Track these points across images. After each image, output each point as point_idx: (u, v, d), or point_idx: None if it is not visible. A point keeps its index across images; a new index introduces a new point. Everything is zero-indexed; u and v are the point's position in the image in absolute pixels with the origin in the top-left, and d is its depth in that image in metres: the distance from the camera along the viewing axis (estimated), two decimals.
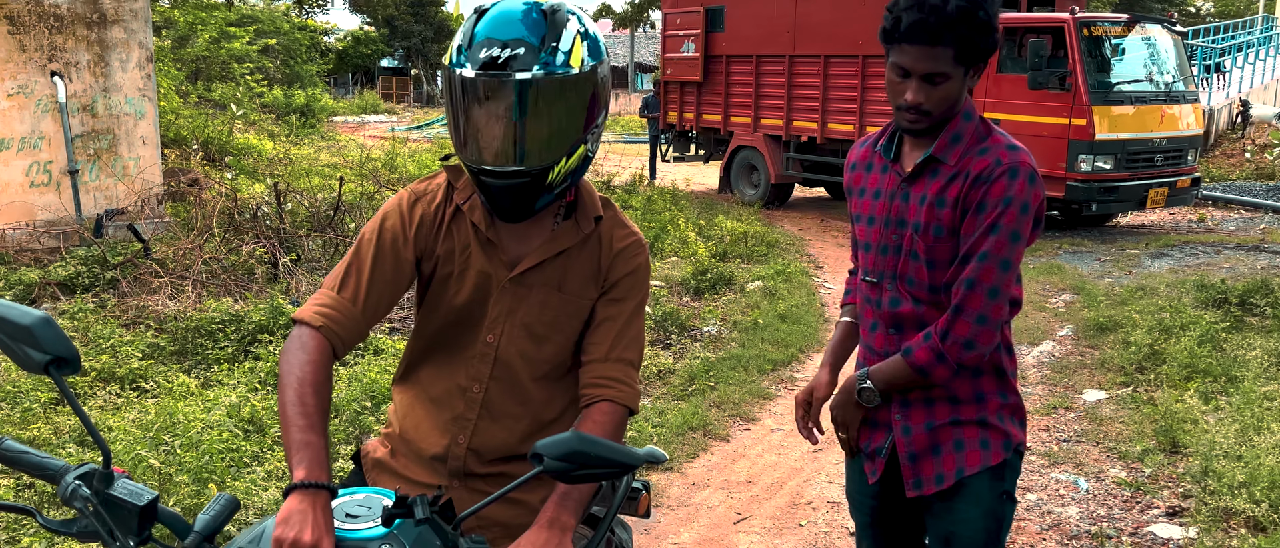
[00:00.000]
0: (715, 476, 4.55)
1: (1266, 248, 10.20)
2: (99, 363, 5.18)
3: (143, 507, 1.44)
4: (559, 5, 1.69)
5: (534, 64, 1.60)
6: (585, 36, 1.68)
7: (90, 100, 8.20)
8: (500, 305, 1.82)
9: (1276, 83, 20.82)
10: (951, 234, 1.98)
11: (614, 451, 1.40)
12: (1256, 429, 4.51)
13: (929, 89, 1.91)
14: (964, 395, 2.08)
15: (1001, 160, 1.94)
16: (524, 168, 1.65)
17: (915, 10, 1.85)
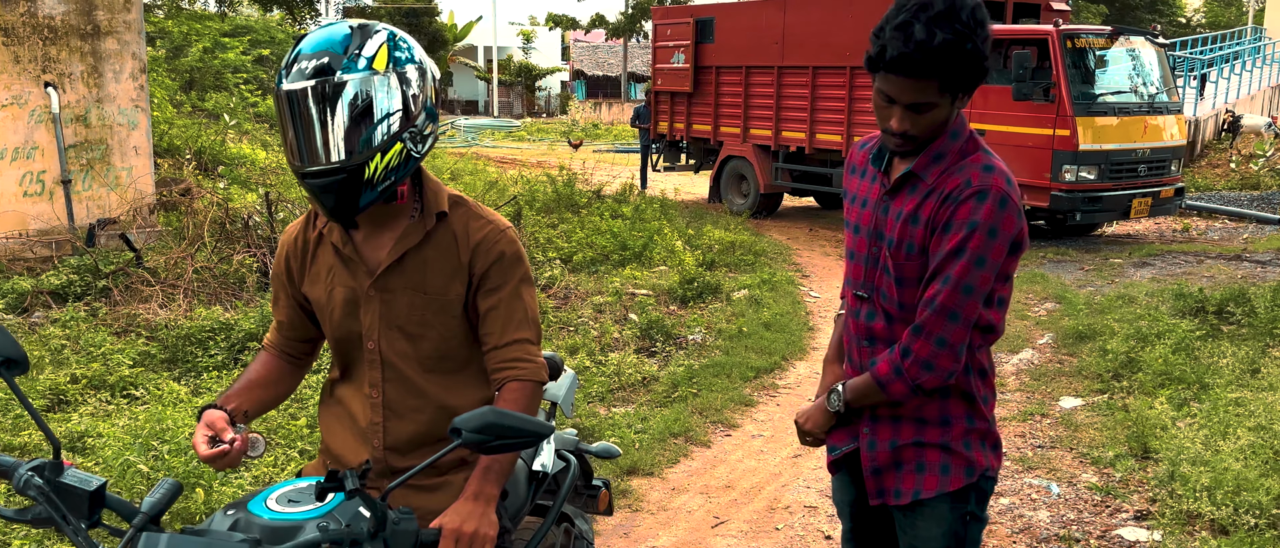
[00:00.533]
0: (695, 481, 4.63)
1: (1248, 257, 10.32)
2: (90, 371, 5.26)
3: (92, 492, 1.57)
4: (373, 24, 1.85)
5: (337, 68, 1.76)
6: (395, 45, 1.83)
7: (83, 111, 8.28)
8: (371, 313, 1.96)
9: (1264, 93, 21.01)
10: (921, 252, 1.96)
11: (526, 422, 1.57)
12: (1223, 435, 4.61)
13: (914, 117, 1.87)
14: (930, 417, 2.07)
15: (971, 182, 1.90)
16: (338, 164, 1.78)
17: (900, 42, 1.78)
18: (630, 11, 39.44)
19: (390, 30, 1.86)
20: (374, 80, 1.78)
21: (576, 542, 2.51)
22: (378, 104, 1.79)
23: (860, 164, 2.15)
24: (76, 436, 4.38)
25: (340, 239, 1.97)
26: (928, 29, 1.75)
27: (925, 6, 1.78)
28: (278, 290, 2.10)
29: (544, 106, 49.73)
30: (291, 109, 1.78)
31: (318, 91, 1.75)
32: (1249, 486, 4.01)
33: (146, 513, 1.55)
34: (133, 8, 8.49)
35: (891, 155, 2.05)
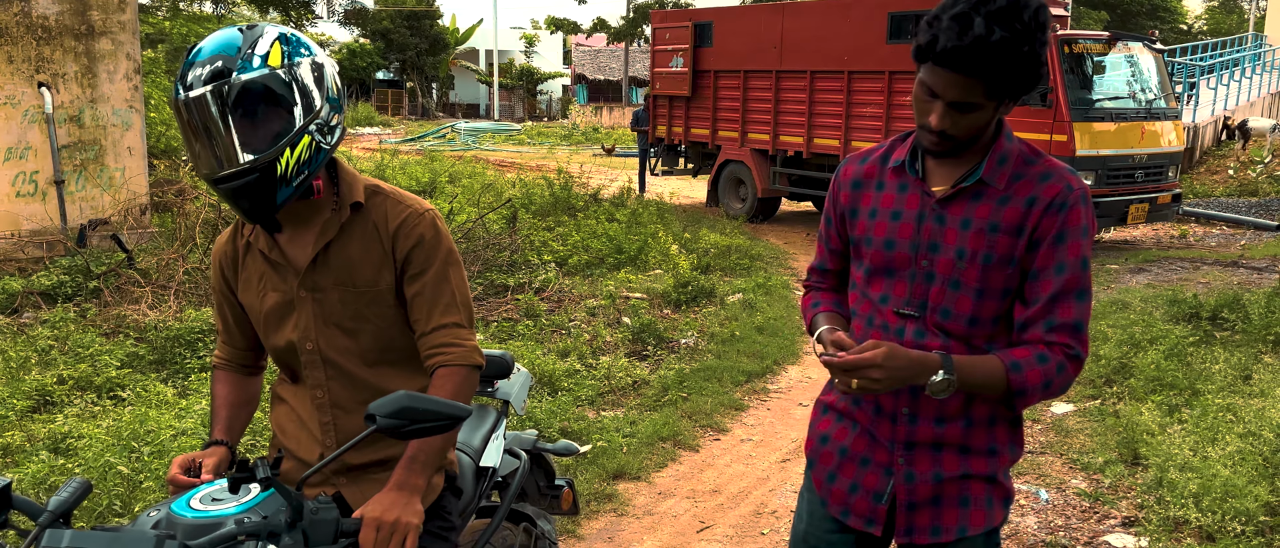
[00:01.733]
0: (682, 485, 4.61)
1: (1245, 264, 10.30)
2: (77, 372, 5.24)
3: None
4: (261, 25, 1.85)
5: (233, 69, 1.75)
6: (287, 42, 1.82)
7: (77, 111, 8.28)
8: (304, 314, 1.95)
9: (1264, 100, 20.99)
10: (1004, 263, 1.80)
11: (442, 405, 1.58)
12: (1213, 441, 4.58)
13: (955, 116, 1.73)
14: (978, 447, 1.89)
15: (1072, 186, 1.80)
16: (247, 165, 1.77)
17: (955, 34, 1.64)
18: (631, 16, 39.49)
19: (280, 29, 1.85)
20: (271, 76, 1.77)
21: (538, 542, 2.50)
22: (279, 100, 1.78)
23: (867, 176, 1.95)
24: (60, 437, 4.36)
25: (266, 245, 1.96)
26: (987, 24, 1.62)
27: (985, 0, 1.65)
28: (220, 304, 2.11)
29: (545, 110, 49.77)
30: (192, 117, 1.76)
31: (217, 95, 1.74)
32: (1237, 493, 3.98)
33: (53, 511, 1.56)
34: (127, 8, 8.49)
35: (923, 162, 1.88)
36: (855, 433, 1.98)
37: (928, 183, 1.86)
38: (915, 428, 1.89)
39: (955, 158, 1.83)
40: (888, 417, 1.91)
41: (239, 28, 1.83)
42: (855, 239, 1.96)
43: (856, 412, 1.98)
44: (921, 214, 1.86)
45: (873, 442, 1.95)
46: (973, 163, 1.83)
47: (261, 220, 1.86)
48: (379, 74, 47.76)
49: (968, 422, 1.88)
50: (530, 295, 7.72)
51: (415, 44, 44.51)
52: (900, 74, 11.29)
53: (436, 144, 28.29)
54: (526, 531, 2.47)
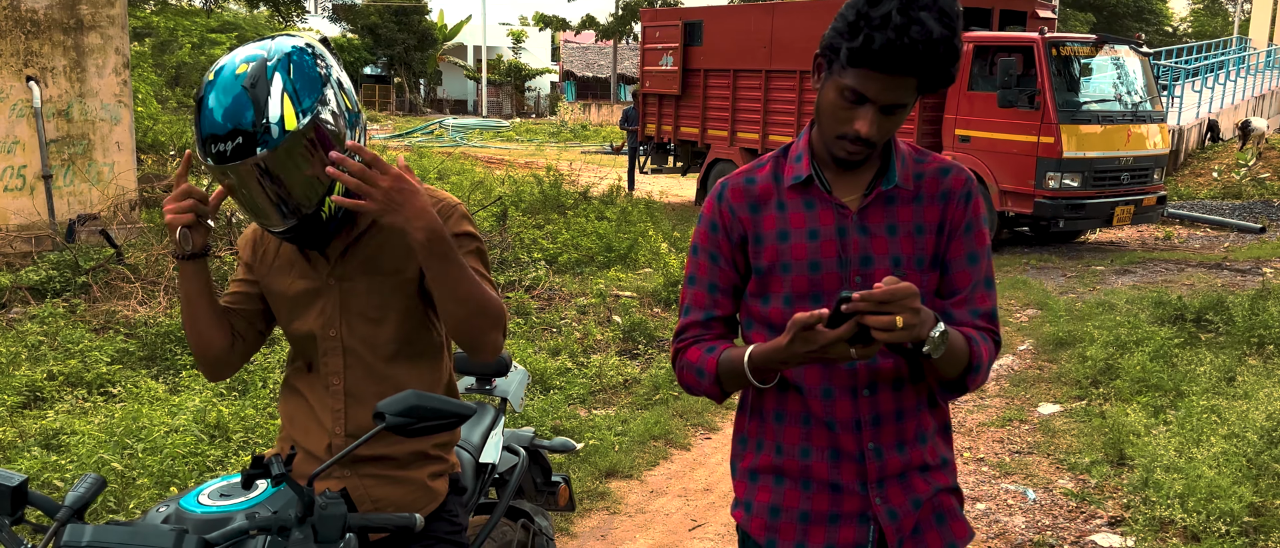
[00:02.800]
0: (674, 483, 4.64)
1: (1229, 266, 10.40)
2: (67, 368, 5.23)
3: (14, 489, 1.59)
4: (257, 73, 1.74)
5: (255, 147, 1.72)
6: (292, 91, 1.76)
7: (66, 105, 8.24)
8: (330, 301, 1.97)
9: (1247, 103, 21.17)
10: (934, 263, 1.76)
11: (450, 403, 1.62)
12: (1197, 442, 4.65)
13: (883, 121, 1.64)
14: (933, 461, 1.83)
15: (970, 176, 1.80)
16: (294, 222, 1.83)
17: (893, 31, 1.55)
18: (620, 13, 39.45)
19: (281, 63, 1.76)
20: (294, 141, 1.74)
21: (535, 538, 2.52)
22: (305, 160, 1.77)
23: (767, 196, 1.78)
24: (51, 433, 4.35)
25: None
26: (926, 19, 1.56)
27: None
28: (240, 269, 2.11)
29: (533, 107, 49.71)
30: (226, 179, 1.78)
31: (245, 172, 1.75)
32: (1221, 493, 4.04)
33: (70, 507, 1.57)
34: (116, 2, 8.45)
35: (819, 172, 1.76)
36: (810, 493, 1.78)
37: (834, 195, 1.75)
38: (884, 462, 1.77)
39: (857, 168, 1.75)
40: (853, 458, 1.76)
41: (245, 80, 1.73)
42: (764, 267, 1.76)
43: (808, 468, 1.78)
44: (841, 228, 1.74)
45: (837, 493, 1.78)
46: (874, 168, 1.76)
47: (316, 248, 1.92)
48: (366, 69, 47.60)
49: (922, 439, 1.80)
50: (521, 294, 7.73)
51: (403, 39, 44.38)
52: None
53: (425, 140, 28.24)
54: (524, 527, 2.50)
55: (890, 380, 1.75)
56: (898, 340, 1.52)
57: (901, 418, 1.77)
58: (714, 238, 1.81)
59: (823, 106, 1.69)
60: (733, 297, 1.83)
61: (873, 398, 1.75)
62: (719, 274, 1.82)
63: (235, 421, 4.52)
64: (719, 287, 1.82)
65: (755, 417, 1.84)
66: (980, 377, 1.74)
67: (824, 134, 1.71)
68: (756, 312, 1.80)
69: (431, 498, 2.03)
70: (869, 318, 1.49)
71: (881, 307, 1.49)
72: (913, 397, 1.78)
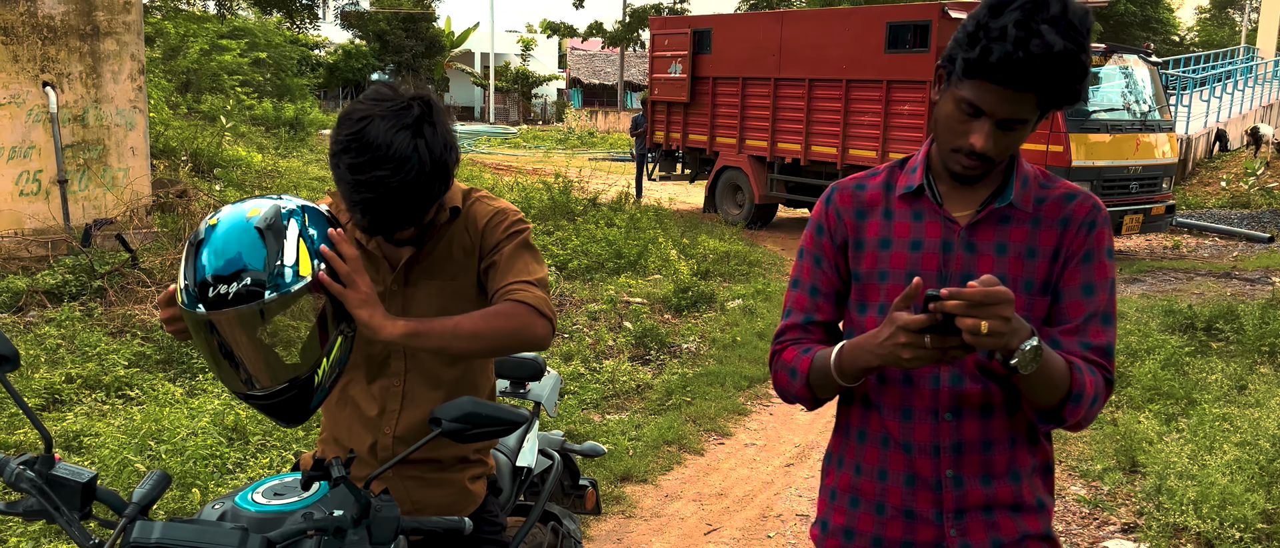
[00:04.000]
0: (688, 488, 4.67)
1: (1237, 275, 10.41)
2: (85, 371, 5.27)
3: (83, 485, 1.63)
4: (272, 216, 1.67)
5: (266, 289, 1.60)
6: (308, 237, 1.68)
7: (81, 111, 8.30)
8: (396, 306, 1.98)
9: (1255, 112, 21.17)
10: (1045, 289, 1.67)
11: (504, 411, 1.64)
12: (1210, 449, 4.66)
13: (1000, 136, 1.57)
14: (1028, 502, 1.72)
15: (1099, 205, 1.69)
16: (287, 384, 1.66)
17: (1012, 45, 1.48)
18: (628, 21, 39.56)
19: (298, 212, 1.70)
20: (307, 289, 1.64)
21: (564, 541, 2.56)
22: (310, 313, 1.66)
23: (869, 203, 1.75)
24: (72, 435, 4.40)
25: (363, 236, 1.98)
26: (1047, 33, 1.48)
27: (1040, 7, 1.49)
28: None
29: (540, 114, 49.82)
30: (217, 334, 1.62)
31: (247, 317, 1.60)
32: (1234, 500, 4.06)
33: (138, 504, 1.59)
34: (132, 9, 8.52)
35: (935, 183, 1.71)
36: (885, 518, 1.74)
37: (945, 209, 1.69)
38: (964, 492, 1.69)
39: (974, 183, 1.69)
40: (929, 485, 1.70)
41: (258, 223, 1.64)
42: (862, 274, 1.73)
43: (884, 491, 1.74)
44: (947, 242, 1.68)
45: (911, 520, 1.71)
46: (993, 186, 1.69)
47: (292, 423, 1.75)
48: (374, 75, 47.75)
49: (1015, 476, 1.70)
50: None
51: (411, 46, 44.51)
52: (898, 83, 11.39)
53: None
54: (553, 530, 2.53)
55: (977, 406, 1.67)
56: (982, 347, 1.45)
57: (989, 449, 1.68)
58: (818, 241, 1.78)
59: (939, 118, 1.64)
60: (834, 302, 1.78)
61: (956, 423, 1.67)
62: (821, 278, 1.77)
63: (253, 423, 4.56)
64: (821, 290, 1.78)
65: (841, 433, 1.82)
66: (1082, 409, 1.60)
67: (940, 147, 1.66)
68: (856, 321, 1.75)
69: (471, 501, 2.06)
70: (959, 319, 1.42)
71: (971, 309, 1.41)
72: (1004, 427, 1.68)
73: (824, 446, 5.31)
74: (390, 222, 1.79)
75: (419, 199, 1.77)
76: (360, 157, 1.71)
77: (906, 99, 11.35)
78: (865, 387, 1.74)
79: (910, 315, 1.47)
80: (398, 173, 1.71)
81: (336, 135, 1.76)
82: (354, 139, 1.73)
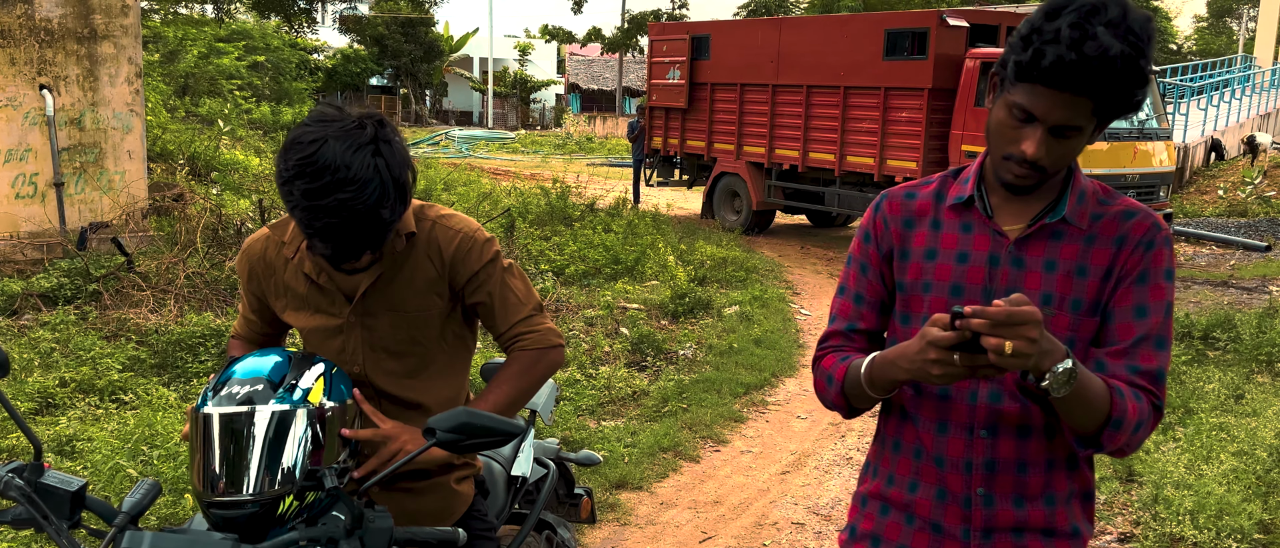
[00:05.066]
0: (684, 495, 4.65)
1: (1235, 284, 10.41)
2: (79, 374, 5.25)
3: (73, 493, 1.61)
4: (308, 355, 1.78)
5: (271, 398, 1.65)
6: (329, 382, 1.73)
7: (78, 114, 8.29)
8: (352, 339, 1.96)
9: (1252, 121, 21.20)
10: (1094, 309, 1.60)
11: (499, 422, 1.64)
12: (1206, 459, 4.65)
13: (1053, 143, 1.51)
14: (1062, 528, 1.66)
15: (1160, 226, 1.62)
16: (250, 498, 1.62)
17: (1067, 47, 1.42)
18: (626, 26, 39.63)
19: (329, 363, 1.78)
20: (306, 414, 1.66)
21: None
22: (303, 440, 1.66)
23: (918, 213, 1.71)
24: (65, 439, 4.38)
25: (313, 269, 1.94)
26: (1102, 35, 1.42)
27: (1096, 10, 1.44)
28: (244, 289, 2.09)
29: (538, 119, 49.84)
30: (209, 431, 1.64)
31: (244, 419, 1.62)
32: (1231, 510, 4.05)
33: (128, 513, 1.57)
34: (129, 12, 8.51)
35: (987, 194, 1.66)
36: (912, 529, 1.71)
37: (995, 221, 1.64)
38: (994, 511, 1.64)
39: (1027, 194, 1.62)
40: (958, 501, 1.66)
41: (290, 353, 1.77)
42: (906, 285, 1.69)
43: (913, 502, 1.71)
44: (994, 256, 1.62)
45: (938, 534, 1.68)
46: (1047, 199, 1.63)
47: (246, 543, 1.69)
48: (372, 80, 47.76)
49: (1050, 500, 1.65)
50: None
51: (410, 51, 44.52)
52: (896, 91, 11.39)
53: (431, 151, 28.31)
54: (548, 538, 2.52)
55: (1014, 426, 1.62)
56: (1008, 367, 1.39)
57: (1024, 470, 1.63)
58: (866, 248, 1.75)
59: (991, 125, 1.58)
60: (879, 311, 1.75)
61: (991, 441, 1.63)
62: (867, 286, 1.74)
63: None
64: (865, 299, 1.75)
65: (877, 442, 1.80)
66: (1123, 436, 1.54)
67: (992, 155, 1.60)
68: (899, 332, 1.71)
69: (460, 502, 2.05)
70: (983, 338, 1.38)
71: (995, 328, 1.36)
72: (1041, 449, 1.63)
73: (820, 454, 5.32)
74: (352, 247, 1.73)
75: (382, 221, 1.72)
76: (316, 180, 1.65)
77: (904, 106, 11.35)
78: (902, 398, 1.71)
79: (940, 331, 1.43)
80: (361, 195, 1.66)
81: (286, 161, 1.69)
82: (308, 163, 1.66)
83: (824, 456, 5.22)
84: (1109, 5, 1.44)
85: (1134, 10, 1.46)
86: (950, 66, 10.89)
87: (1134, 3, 1.48)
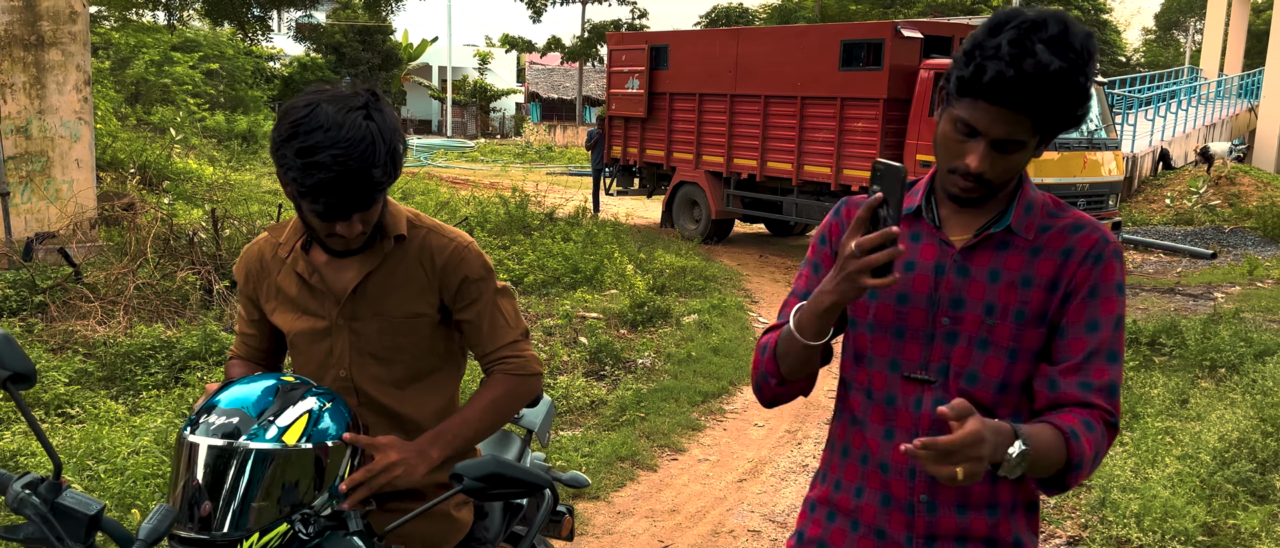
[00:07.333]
0: (641, 504, 4.65)
1: (1181, 290, 10.65)
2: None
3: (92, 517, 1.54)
4: (300, 385, 1.73)
5: (243, 433, 1.60)
6: (312, 421, 1.68)
7: (25, 122, 8.13)
8: (340, 342, 1.95)
9: (1198, 131, 21.73)
10: (1038, 320, 1.62)
11: (526, 473, 1.60)
12: (1152, 463, 4.75)
13: (996, 157, 1.54)
14: (1004, 538, 1.69)
15: (1107, 238, 1.64)
16: (206, 538, 1.58)
17: (1006, 63, 1.45)
18: (586, 36, 39.66)
19: (321, 399, 1.73)
20: (277, 455, 1.61)
21: None
22: (271, 480, 1.61)
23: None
24: (9, 454, 4.28)
25: (305, 268, 1.94)
26: (1041, 52, 1.45)
27: (1037, 26, 1.47)
28: (244, 302, 2.08)
29: (498, 128, 49.68)
30: (179, 457, 1.62)
31: (213, 453, 1.59)
32: (1176, 513, 4.14)
33: (144, 540, 1.50)
34: (78, 19, 8.37)
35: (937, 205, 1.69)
36: (857, 535, 1.74)
37: (944, 232, 1.67)
38: (936, 519, 1.66)
39: (976, 206, 1.65)
40: (902, 507, 1.68)
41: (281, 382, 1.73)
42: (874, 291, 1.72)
43: (859, 508, 1.73)
44: (940, 266, 1.65)
45: (882, 540, 1.71)
46: (995, 211, 1.65)
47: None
48: None
49: (992, 509, 1.67)
50: None
51: (367, 59, 44.15)
52: (852, 101, 11.52)
53: None
54: None
55: None
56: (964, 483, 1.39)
57: None
58: (820, 251, 1.78)
59: (938, 138, 1.61)
60: None
61: None
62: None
63: None
64: None
65: (828, 448, 1.83)
66: (1084, 473, 1.56)
67: (939, 168, 1.63)
68: (847, 337, 1.74)
69: (458, 529, 2.03)
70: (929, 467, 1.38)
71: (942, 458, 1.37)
72: None
73: (777, 462, 5.35)
74: (344, 204, 1.73)
75: (373, 181, 1.73)
76: (309, 139, 1.68)
77: (860, 116, 11.48)
78: (852, 404, 1.74)
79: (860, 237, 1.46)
80: (352, 151, 1.69)
81: (281, 125, 1.73)
82: (303, 122, 1.69)
83: (780, 463, 5.26)
84: (1050, 22, 1.47)
85: (1076, 27, 1.49)
86: (905, 77, 11.04)
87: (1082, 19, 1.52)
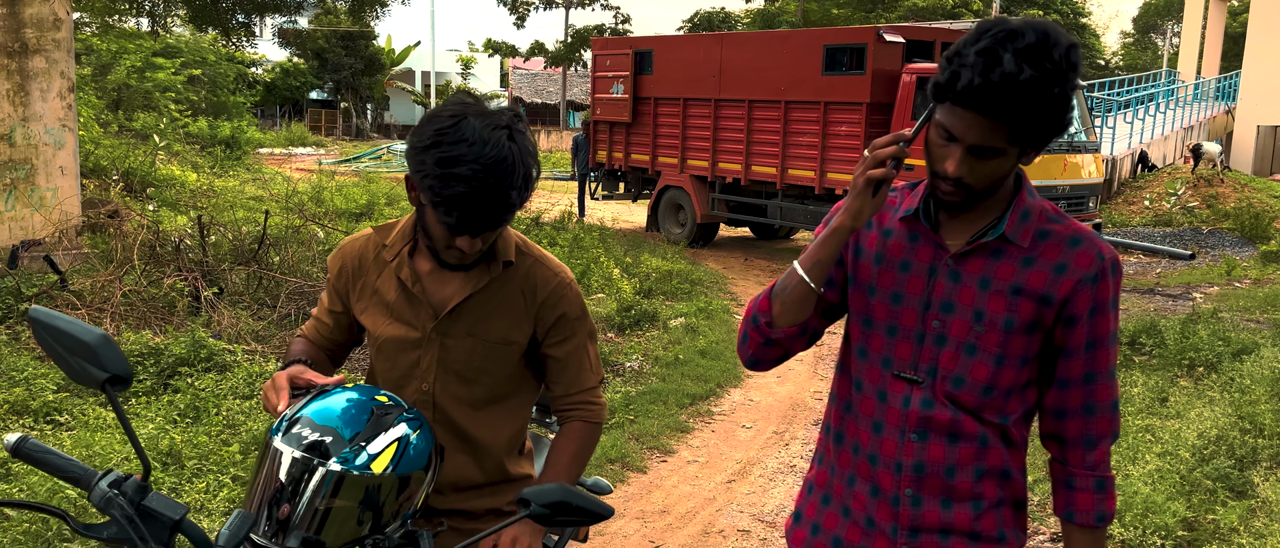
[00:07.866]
0: (631, 506, 4.70)
1: (1161, 291, 10.78)
2: (12, 395, 5.13)
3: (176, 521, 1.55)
4: (393, 410, 1.70)
5: (333, 455, 1.59)
6: (402, 448, 1.66)
7: (8, 130, 8.10)
8: (429, 355, 1.94)
9: (1176, 134, 21.97)
10: (1027, 328, 1.65)
11: (592, 503, 1.62)
12: (1133, 460, 4.84)
13: (974, 163, 1.57)
14: (987, 532, 1.72)
15: (1104, 254, 1.65)
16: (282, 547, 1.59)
17: (980, 72, 1.48)
18: (569, 41, 39.71)
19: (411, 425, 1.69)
20: (362, 481, 1.59)
21: None
22: (350, 505, 1.61)
23: (878, 220, 1.78)
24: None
25: (409, 276, 1.94)
26: (1016, 61, 1.46)
27: (1014, 35, 1.48)
28: (330, 292, 2.07)
29: None
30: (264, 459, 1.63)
31: (299, 465, 1.58)
32: (1156, 509, 4.22)
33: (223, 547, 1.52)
34: (62, 26, 8.35)
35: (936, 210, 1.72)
36: (848, 521, 1.80)
37: (941, 236, 1.70)
38: (921, 512, 1.72)
39: (971, 211, 1.68)
40: (887, 499, 1.73)
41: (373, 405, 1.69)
42: (857, 282, 1.78)
43: (851, 496, 1.79)
44: (933, 268, 1.69)
45: (870, 528, 1.76)
46: (991, 217, 1.67)
47: None
48: (313, 94, 47.18)
49: (977, 504, 1.71)
50: None
51: (350, 64, 44.08)
52: (835, 105, 11.61)
53: (372, 165, 28.03)
54: None
55: (944, 432, 1.69)
56: None
57: (952, 474, 1.70)
58: None
59: (926, 143, 1.64)
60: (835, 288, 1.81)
61: (921, 445, 1.69)
62: None
63: (189, 447, 4.48)
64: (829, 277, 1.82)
65: (823, 431, 1.89)
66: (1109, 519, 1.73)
67: (928, 172, 1.66)
68: (848, 328, 1.83)
69: None
70: None
71: None
72: (972, 456, 1.70)
73: (765, 462, 5.41)
74: (477, 220, 1.73)
75: (508, 202, 1.74)
76: (453, 149, 1.69)
77: (844, 120, 11.58)
78: (845, 390, 1.81)
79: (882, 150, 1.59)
80: (495, 168, 1.69)
81: (423, 131, 1.73)
82: (447, 132, 1.70)
83: (769, 464, 5.31)
84: (1027, 32, 1.49)
85: (1056, 37, 1.50)
86: (887, 81, 11.14)
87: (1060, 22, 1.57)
